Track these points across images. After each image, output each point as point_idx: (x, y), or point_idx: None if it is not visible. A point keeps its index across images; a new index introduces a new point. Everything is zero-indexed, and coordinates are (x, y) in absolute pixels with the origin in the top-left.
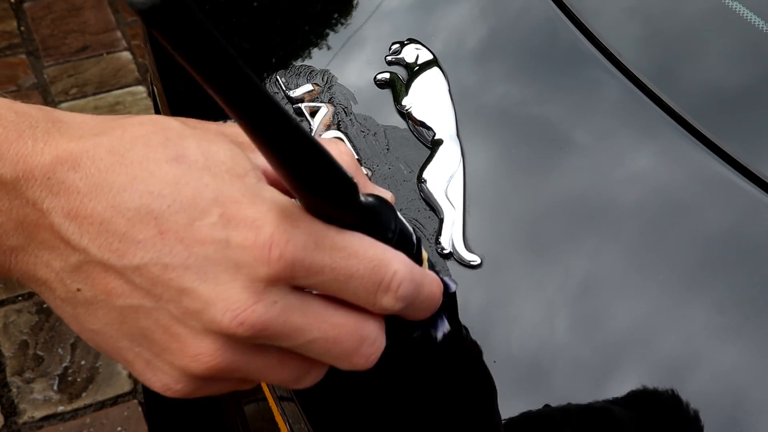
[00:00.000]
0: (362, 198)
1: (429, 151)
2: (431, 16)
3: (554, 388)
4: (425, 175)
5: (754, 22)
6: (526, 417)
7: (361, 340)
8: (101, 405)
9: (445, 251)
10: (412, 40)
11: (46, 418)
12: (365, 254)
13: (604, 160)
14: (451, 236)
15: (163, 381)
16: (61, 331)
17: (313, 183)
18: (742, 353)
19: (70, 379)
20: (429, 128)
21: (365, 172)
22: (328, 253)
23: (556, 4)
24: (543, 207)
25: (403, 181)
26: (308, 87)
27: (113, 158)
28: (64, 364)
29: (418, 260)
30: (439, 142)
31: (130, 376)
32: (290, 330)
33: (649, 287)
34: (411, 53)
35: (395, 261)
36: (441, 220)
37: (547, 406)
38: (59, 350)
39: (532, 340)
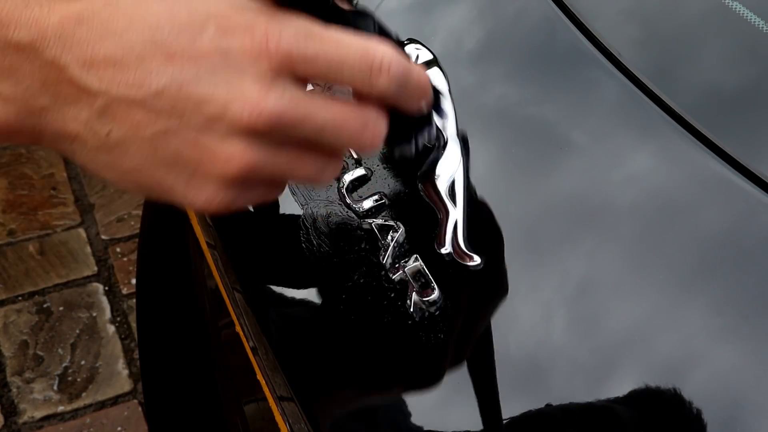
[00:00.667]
0: (337, 3)
1: (429, 151)
2: (431, 16)
3: (555, 388)
4: (425, 175)
5: (754, 22)
6: (526, 417)
7: (364, 121)
8: (101, 405)
9: (445, 251)
10: (411, 40)
11: (46, 418)
12: (352, 43)
13: (604, 160)
14: (451, 236)
15: (206, 195)
16: (61, 331)
17: None
18: (743, 354)
19: (70, 379)
20: (429, 128)
21: (364, 172)
22: (319, 42)
23: (556, 4)
24: (543, 207)
25: (403, 181)
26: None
27: (110, 8)
28: (64, 364)
29: None
30: (440, 142)
31: (130, 376)
32: (302, 116)
33: (650, 287)
34: (411, 53)
35: (381, 47)
36: (441, 220)
37: (548, 406)
38: (59, 350)
39: (532, 340)
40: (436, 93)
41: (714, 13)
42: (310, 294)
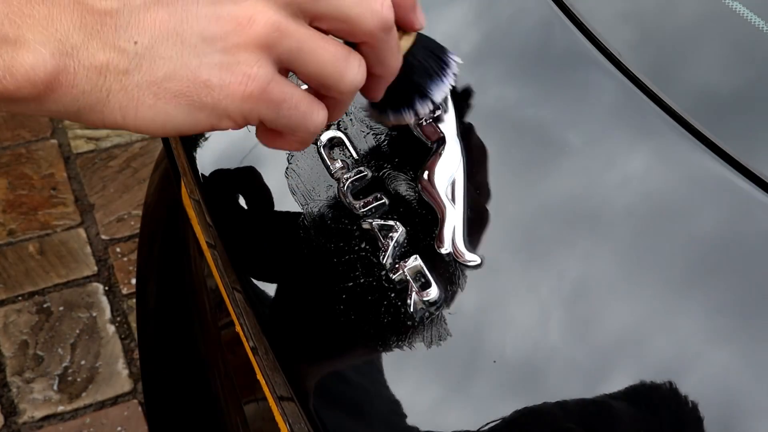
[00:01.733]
0: None
1: (429, 151)
2: (431, 16)
3: (555, 388)
4: (425, 175)
5: (754, 22)
6: (526, 416)
7: (348, 57)
8: (101, 405)
9: (445, 251)
10: None
11: (46, 418)
12: None
13: (604, 160)
14: (452, 236)
15: (241, 72)
16: (61, 331)
17: None
18: (744, 354)
19: (70, 379)
20: (429, 128)
21: (365, 173)
22: None
23: (556, 4)
24: (544, 207)
25: (403, 181)
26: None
27: None
28: (64, 364)
29: None
30: (440, 142)
31: (130, 375)
32: None
33: (651, 287)
34: None
35: None
36: (441, 220)
37: (548, 406)
38: (59, 350)
39: (532, 340)
40: (448, 61)
41: (714, 13)
42: (310, 294)
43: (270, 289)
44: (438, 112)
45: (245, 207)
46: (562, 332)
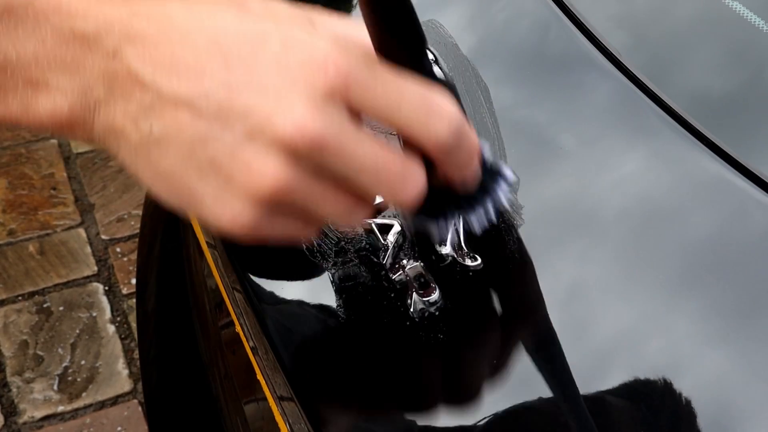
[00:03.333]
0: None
1: None
2: (431, 16)
3: (554, 388)
4: None
5: (754, 22)
6: (526, 416)
7: (407, 173)
8: (101, 405)
9: (445, 251)
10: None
11: (46, 418)
12: (416, 86)
13: (604, 159)
14: (452, 236)
15: (233, 211)
16: (61, 331)
17: (390, 21)
18: (744, 354)
19: (70, 379)
20: None
21: None
22: (381, 76)
23: (556, 4)
24: (544, 207)
25: None
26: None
27: (182, 12)
28: (64, 364)
29: None
30: None
31: (130, 375)
32: (345, 147)
33: (652, 287)
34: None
35: (444, 98)
36: None
37: (548, 406)
38: (59, 350)
39: (533, 341)
40: (499, 200)
41: (714, 13)
42: (310, 294)
43: (270, 289)
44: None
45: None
46: (562, 333)
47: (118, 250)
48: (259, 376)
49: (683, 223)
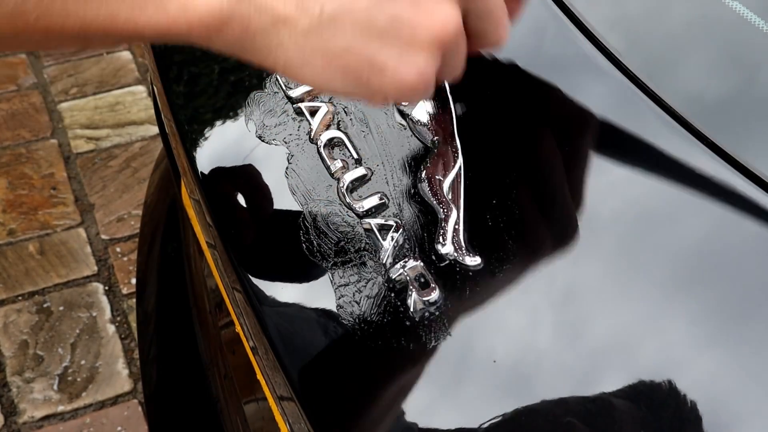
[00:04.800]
0: None
1: (429, 151)
2: None
3: (554, 387)
4: (425, 175)
5: (754, 22)
6: (525, 416)
7: (503, 17)
8: (101, 405)
9: (445, 251)
10: None
11: (46, 418)
12: None
13: (604, 159)
14: (452, 236)
15: (419, 65)
16: (61, 330)
17: None
18: (744, 353)
19: (70, 378)
20: (429, 128)
21: (364, 172)
22: None
23: (555, 4)
24: (544, 206)
25: (403, 181)
26: (308, 87)
27: None
28: (64, 364)
29: None
30: (439, 142)
31: (130, 375)
32: None
33: (652, 287)
34: None
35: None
36: (441, 220)
37: (548, 406)
38: (59, 350)
39: (532, 340)
40: None
41: (714, 13)
42: (310, 294)
43: (270, 289)
44: (438, 112)
45: (245, 207)
46: (562, 332)
47: (118, 250)
48: (259, 376)
49: (690, 220)
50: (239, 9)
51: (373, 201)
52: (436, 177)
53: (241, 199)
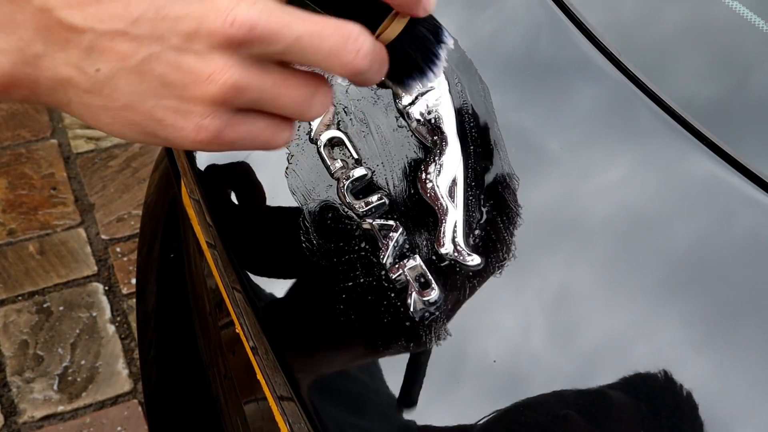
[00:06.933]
0: None
1: (429, 151)
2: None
3: (554, 387)
4: (425, 175)
5: (754, 22)
6: (524, 415)
7: (345, 36)
8: (101, 405)
9: (445, 251)
10: None
11: (46, 418)
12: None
13: (604, 159)
14: (452, 236)
15: (194, 121)
16: (61, 330)
17: None
18: (744, 353)
19: (70, 378)
20: (429, 128)
21: (364, 172)
22: None
23: (555, 4)
24: (544, 207)
25: (403, 181)
26: None
27: None
28: (64, 364)
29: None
30: (439, 142)
31: (130, 375)
32: (275, 27)
33: (652, 287)
34: None
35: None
36: (441, 220)
37: (547, 404)
38: (59, 350)
39: (532, 340)
40: (440, 30)
41: (714, 13)
42: (310, 294)
43: (270, 289)
44: (438, 112)
45: (245, 207)
46: (562, 332)
47: (118, 250)
48: (259, 376)
49: (689, 220)
50: (24, 71)
51: (373, 201)
52: (436, 177)
53: (241, 199)
